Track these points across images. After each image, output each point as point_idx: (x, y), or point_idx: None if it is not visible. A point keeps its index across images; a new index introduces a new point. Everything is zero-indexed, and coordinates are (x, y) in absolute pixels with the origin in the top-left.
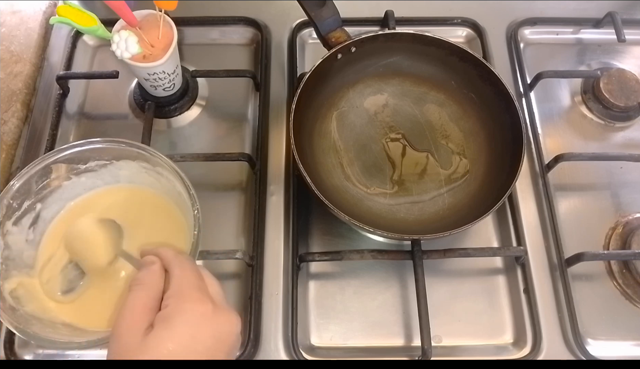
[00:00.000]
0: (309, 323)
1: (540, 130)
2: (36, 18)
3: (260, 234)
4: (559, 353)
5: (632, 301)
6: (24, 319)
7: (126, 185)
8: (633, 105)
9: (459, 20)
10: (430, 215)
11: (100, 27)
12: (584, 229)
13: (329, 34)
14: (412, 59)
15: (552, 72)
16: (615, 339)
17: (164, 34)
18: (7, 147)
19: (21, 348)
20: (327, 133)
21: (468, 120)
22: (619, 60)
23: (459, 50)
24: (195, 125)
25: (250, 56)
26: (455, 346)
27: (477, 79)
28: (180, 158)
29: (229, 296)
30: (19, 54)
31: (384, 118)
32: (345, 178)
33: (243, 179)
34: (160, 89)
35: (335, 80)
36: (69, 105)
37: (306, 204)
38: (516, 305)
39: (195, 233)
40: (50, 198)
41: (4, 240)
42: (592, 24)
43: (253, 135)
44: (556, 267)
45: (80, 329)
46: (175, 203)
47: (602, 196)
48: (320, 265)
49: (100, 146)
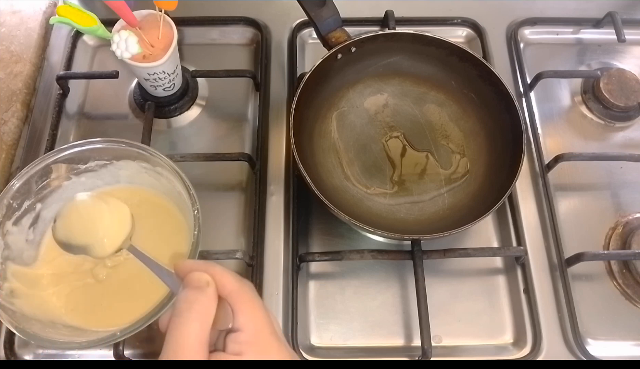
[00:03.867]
0: (309, 323)
1: (540, 130)
2: (36, 18)
3: (260, 234)
4: (559, 353)
5: (632, 301)
6: (24, 319)
7: (126, 185)
8: (633, 105)
9: (459, 20)
10: (430, 215)
11: (100, 27)
12: (584, 229)
13: (329, 34)
14: (412, 59)
15: (552, 72)
16: (615, 339)
17: (164, 34)
18: (7, 147)
19: (21, 348)
20: (327, 133)
21: (468, 120)
22: (619, 60)
23: (459, 50)
24: (195, 125)
25: (250, 56)
26: (455, 346)
27: (477, 79)
28: (180, 158)
29: None
30: (19, 54)
31: (384, 118)
32: (345, 178)
33: (243, 179)
34: (160, 89)
35: (335, 80)
36: (69, 105)
37: (306, 204)
38: (516, 305)
39: (195, 233)
40: (50, 198)
41: (4, 240)
42: (592, 24)
43: (253, 135)
44: (556, 267)
45: (80, 329)
46: (175, 203)
47: (602, 196)
48: (320, 265)
49: (100, 146)
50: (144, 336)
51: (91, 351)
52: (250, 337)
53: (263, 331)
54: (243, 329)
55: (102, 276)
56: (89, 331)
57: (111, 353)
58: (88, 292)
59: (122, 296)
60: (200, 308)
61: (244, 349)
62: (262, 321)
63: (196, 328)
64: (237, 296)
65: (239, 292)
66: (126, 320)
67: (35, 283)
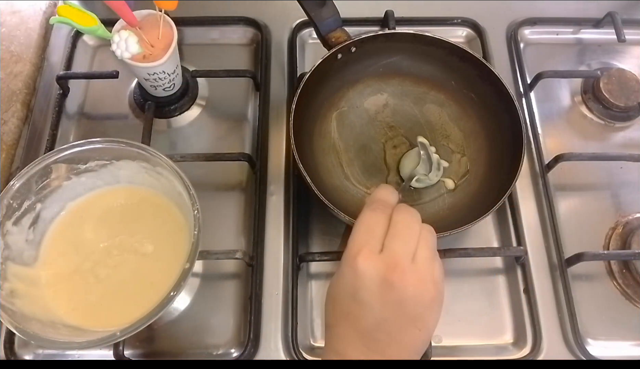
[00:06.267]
0: (309, 323)
1: (540, 130)
2: (36, 18)
3: (260, 234)
4: (559, 353)
5: (632, 301)
6: (24, 319)
7: (126, 185)
8: (633, 105)
9: (459, 20)
10: (430, 215)
11: (100, 27)
12: (584, 229)
13: (329, 34)
14: (412, 59)
15: (552, 72)
16: (615, 339)
17: (164, 34)
18: (7, 147)
19: (21, 348)
20: (327, 133)
21: (468, 120)
22: (619, 60)
23: (459, 50)
24: (195, 125)
25: (250, 56)
26: (455, 346)
27: (477, 79)
28: (180, 158)
29: (229, 296)
30: (19, 54)
31: (384, 119)
32: (345, 178)
33: (243, 179)
34: (160, 89)
35: (335, 80)
36: (69, 105)
37: (306, 204)
38: (516, 305)
39: (195, 233)
40: (50, 198)
41: (4, 240)
42: (592, 24)
43: (253, 135)
44: (556, 267)
45: (80, 329)
46: (175, 203)
47: (602, 196)
48: (320, 265)
49: (100, 146)
50: (144, 336)
51: (91, 351)
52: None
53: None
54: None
55: (102, 276)
56: (89, 331)
57: (111, 353)
58: (88, 292)
59: (122, 296)
60: (384, 207)
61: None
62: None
63: (381, 219)
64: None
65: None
66: (126, 320)
67: (35, 283)
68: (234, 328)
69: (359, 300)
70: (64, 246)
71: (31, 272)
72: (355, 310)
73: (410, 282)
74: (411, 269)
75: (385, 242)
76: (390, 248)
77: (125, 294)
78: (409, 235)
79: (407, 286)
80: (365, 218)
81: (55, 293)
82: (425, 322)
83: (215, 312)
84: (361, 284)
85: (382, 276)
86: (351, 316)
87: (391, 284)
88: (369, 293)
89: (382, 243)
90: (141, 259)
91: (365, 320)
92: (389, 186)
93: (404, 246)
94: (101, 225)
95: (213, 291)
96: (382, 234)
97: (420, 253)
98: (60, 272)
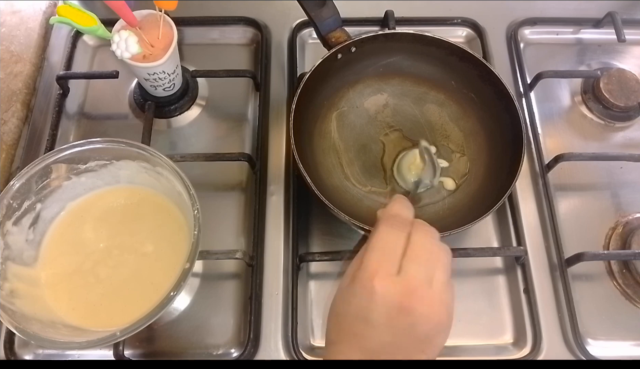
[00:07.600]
0: (309, 323)
1: (540, 130)
2: (36, 18)
3: (260, 234)
4: (559, 353)
5: (632, 301)
6: (24, 319)
7: (126, 185)
8: (633, 105)
9: (459, 20)
10: (430, 215)
11: (100, 27)
12: (584, 229)
13: (329, 34)
14: (412, 59)
15: (552, 72)
16: (615, 339)
17: (164, 34)
18: (7, 147)
19: (21, 348)
20: (327, 133)
21: (468, 120)
22: (619, 60)
23: (459, 50)
24: (195, 125)
25: (250, 56)
26: (455, 346)
27: (477, 79)
28: (180, 158)
29: (229, 296)
30: (19, 54)
31: (384, 119)
32: (345, 178)
33: (243, 179)
34: (160, 89)
35: (335, 80)
36: (69, 105)
37: (306, 204)
38: (516, 305)
39: (195, 233)
40: (50, 198)
41: (4, 240)
42: (592, 24)
43: (253, 135)
44: (556, 267)
45: (80, 329)
46: (175, 203)
47: (602, 196)
48: (320, 265)
49: (100, 146)
50: (144, 336)
51: (91, 351)
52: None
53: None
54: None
55: (102, 276)
56: (89, 331)
57: (111, 353)
58: (88, 292)
59: (122, 296)
60: (399, 222)
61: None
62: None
63: (397, 235)
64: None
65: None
66: (126, 320)
67: (36, 283)
68: (234, 328)
69: (370, 321)
70: (64, 246)
71: (31, 272)
72: (363, 331)
73: (425, 308)
74: (428, 295)
75: (403, 264)
76: (409, 272)
77: (125, 294)
78: (428, 259)
79: (423, 313)
80: (382, 235)
81: (55, 293)
82: (432, 346)
83: (215, 312)
84: (374, 307)
85: (398, 301)
86: (358, 337)
87: (407, 310)
88: (382, 316)
89: (399, 264)
90: (141, 259)
91: (371, 341)
92: (404, 199)
93: (423, 271)
94: (101, 225)
95: (213, 291)
96: (400, 254)
97: (438, 278)
98: (60, 272)
